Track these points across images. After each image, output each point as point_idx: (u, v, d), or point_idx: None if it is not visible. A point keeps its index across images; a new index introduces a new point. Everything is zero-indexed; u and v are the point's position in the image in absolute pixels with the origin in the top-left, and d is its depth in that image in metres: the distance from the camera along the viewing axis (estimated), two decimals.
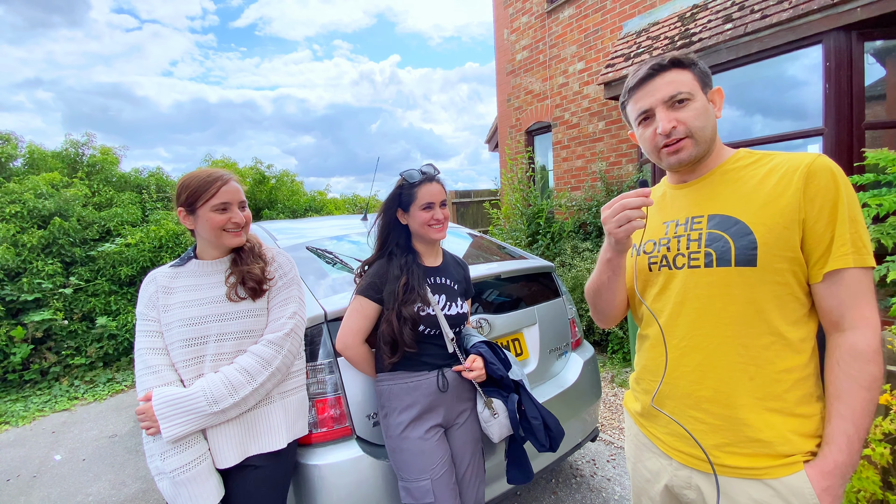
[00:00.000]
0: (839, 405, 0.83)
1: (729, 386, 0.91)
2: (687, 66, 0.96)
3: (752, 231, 0.88)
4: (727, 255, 0.90)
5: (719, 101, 0.99)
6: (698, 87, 0.95)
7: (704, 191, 0.99)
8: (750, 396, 0.89)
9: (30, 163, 5.91)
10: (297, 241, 2.15)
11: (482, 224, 9.73)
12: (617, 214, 0.91)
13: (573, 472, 2.54)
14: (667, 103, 0.94)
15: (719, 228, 0.92)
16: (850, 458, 0.81)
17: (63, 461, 3.07)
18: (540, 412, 1.51)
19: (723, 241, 0.91)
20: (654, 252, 1.03)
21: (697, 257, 0.94)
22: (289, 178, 8.27)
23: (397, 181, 1.54)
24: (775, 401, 0.88)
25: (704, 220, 0.95)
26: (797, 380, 0.88)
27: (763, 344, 0.88)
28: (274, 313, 1.37)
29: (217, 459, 1.26)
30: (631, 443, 1.15)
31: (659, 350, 1.01)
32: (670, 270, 0.99)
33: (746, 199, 0.91)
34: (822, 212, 0.84)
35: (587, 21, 5.35)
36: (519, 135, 6.53)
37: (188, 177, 1.32)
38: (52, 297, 4.63)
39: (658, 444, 1.04)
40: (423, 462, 1.39)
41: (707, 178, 0.99)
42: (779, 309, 0.88)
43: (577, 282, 4.19)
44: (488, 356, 1.51)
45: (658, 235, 1.04)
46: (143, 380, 1.23)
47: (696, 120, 0.93)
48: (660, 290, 1.02)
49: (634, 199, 0.90)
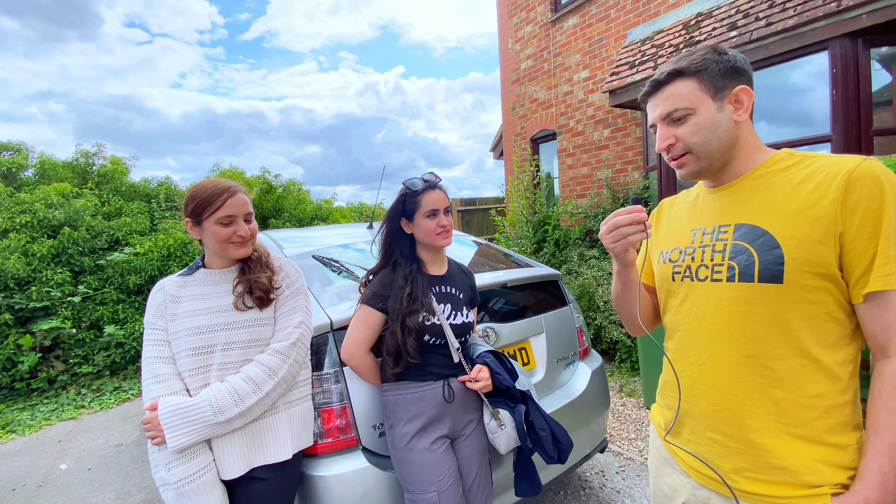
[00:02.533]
0: (876, 439, 0.76)
1: (748, 409, 0.85)
2: (691, 74, 0.88)
3: (779, 244, 0.80)
4: (750, 270, 0.83)
5: (746, 100, 0.88)
6: (705, 95, 0.88)
7: (734, 197, 0.91)
8: (773, 421, 0.83)
9: (41, 173, 6.00)
10: (303, 250, 2.16)
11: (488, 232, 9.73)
12: (611, 231, 0.94)
13: (582, 484, 2.50)
14: (665, 120, 0.92)
15: (745, 240, 0.85)
16: (884, 497, 0.74)
17: (69, 470, 3.07)
18: (548, 423, 1.49)
19: (747, 255, 0.84)
20: (679, 261, 0.98)
21: (720, 270, 0.88)
22: (295, 187, 8.34)
23: (400, 190, 1.53)
24: (803, 428, 0.81)
25: (731, 230, 0.88)
26: (830, 407, 0.80)
27: (791, 367, 0.81)
28: (280, 322, 1.36)
29: (222, 470, 1.25)
30: (654, 456, 1.12)
31: (678, 366, 0.98)
32: (692, 282, 0.94)
33: (777, 209, 0.83)
34: (863, 225, 0.75)
35: (591, 30, 5.38)
36: (524, 143, 6.55)
37: (196, 188, 1.33)
38: (61, 306, 4.67)
39: (679, 462, 1.00)
40: (430, 474, 1.37)
41: (738, 184, 0.91)
42: (811, 329, 0.80)
43: (584, 290, 4.16)
44: (494, 366, 1.49)
45: (685, 244, 0.98)
46: (150, 389, 1.22)
47: (693, 136, 0.88)
48: (681, 302, 0.97)
49: (625, 217, 0.92)
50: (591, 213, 5.10)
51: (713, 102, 0.88)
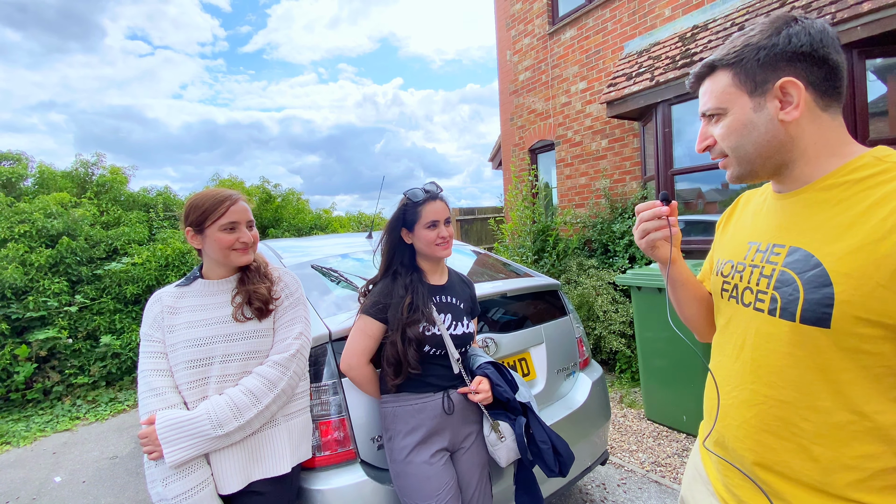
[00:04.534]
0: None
1: (780, 456, 0.74)
2: (726, 66, 0.77)
3: (831, 282, 0.66)
4: (792, 307, 0.71)
5: (795, 93, 0.71)
6: (741, 91, 0.75)
7: (796, 210, 0.76)
8: (806, 476, 0.72)
9: (40, 182, 6.00)
10: (302, 260, 2.15)
11: (486, 241, 9.74)
12: (638, 227, 0.91)
13: (583, 497, 2.46)
14: (705, 118, 0.82)
15: (794, 269, 0.72)
16: None
17: (63, 483, 3.02)
18: (549, 436, 1.47)
19: (792, 287, 0.71)
20: (729, 277, 0.87)
21: (763, 299, 0.77)
22: (294, 196, 8.35)
23: (401, 200, 1.53)
24: (841, 489, 0.69)
25: (784, 252, 0.75)
26: (882, 470, 0.67)
27: (836, 422, 0.69)
28: (280, 334, 1.35)
29: (220, 485, 1.22)
30: (690, 468, 1.04)
31: (712, 391, 0.89)
32: (737, 305, 0.84)
33: (837, 235, 0.68)
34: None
35: (588, 42, 5.44)
36: (522, 153, 6.58)
37: (196, 197, 1.32)
38: (58, 316, 4.64)
39: (713, 486, 0.92)
40: (429, 487, 1.35)
41: (803, 194, 0.76)
42: (867, 384, 0.67)
43: (583, 299, 4.15)
44: (494, 378, 1.48)
45: (738, 257, 0.86)
46: (147, 402, 1.20)
47: (725, 139, 0.78)
48: (725, 323, 0.89)
49: (647, 212, 0.90)
50: (589, 222, 5.11)
51: (750, 100, 0.75)
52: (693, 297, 1.01)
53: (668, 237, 0.90)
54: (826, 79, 0.72)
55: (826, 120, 0.74)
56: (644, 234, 0.90)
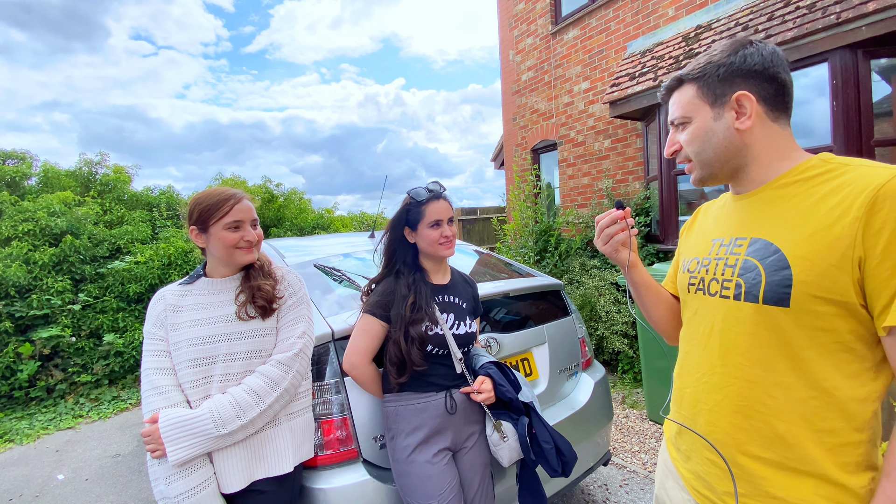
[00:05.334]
0: (887, 484, 0.68)
1: (748, 435, 0.80)
2: (691, 80, 0.87)
3: (789, 265, 0.74)
4: (755, 290, 0.79)
5: (749, 105, 0.82)
6: (703, 102, 0.86)
7: (754, 207, 0.85)
8: (773, 453, 0.78)
9: (44, 181, 6.03)
10: (304, 259, 2.15)
11: (488, 241, 9.73)
12: (599, 234, 1.01)
13: (585, 498, 2.46)
14: (673, 126, 0.93)
15: (756, 256, 0.80)
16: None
17: (66, 481, 3.03)
18: (552, 436, 1.47)
19: (755, 272, 0.79)
20: (696, 272, 0.95)
21: (729, 286, 0.84)
22: (297, 196, 8.36)
23: (404, 199, 1.53)
24: (806, 463, 0.75)
25: (746, 244, 0.84)
26: (840, 444, 0.73)
27: (798, 398, 0.75)
28: (283, 333, 1.35)
29: (222, 484, 1.22)
30: (661, 465, 1.11)
31: (683, 380, 0.96)
32: (703, 296, 0.91)
33: (794, 225, 0.76)
34: (888, 251, 0.66)
35: (591, 42, 5.43)
36: (525, 153, 6.58)
37: (201, 195, 1.32)
38: (61, 314, 4.66)
39: (682, 479, 0.98)
40: (431, 487, 1.35)
41: (760, 193, 0.85)
42: (824, 359, 0.73)
43: (586, 300, 4.15)
44: (497, 378, 1.48)
45: (703, 254, 0.94)
46: (150, 401, 1.20)
47: (689, 144, 0.89)
48: (692, 315, 0.95)
49: (606, 219, 1.00)
50: (591, 223, 5.10)
51: (711, 110, 0.85)
52: (658, 300, 1.11)
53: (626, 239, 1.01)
54: (776, 94, 0.83)
55: (776, 129, 0.84)
56: (608, 239, 1.00)
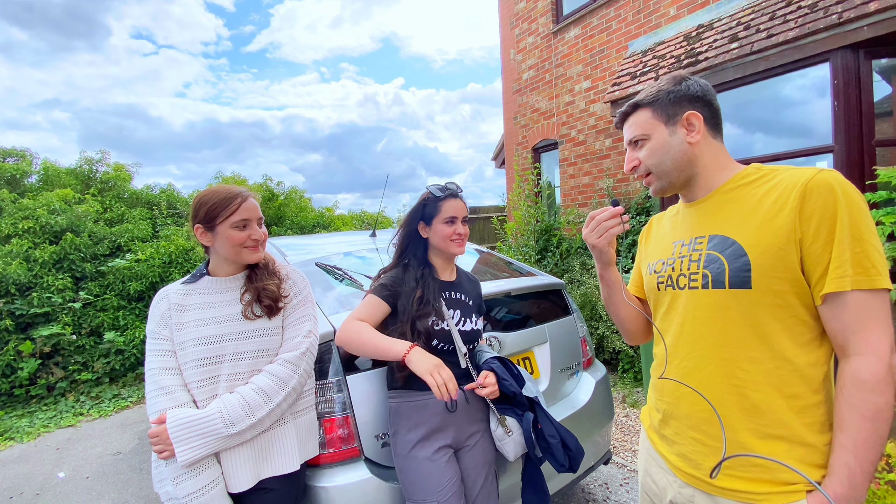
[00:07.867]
0: (841, 436, 0.81)
1: (728, 409, 0.90)
2: (646, 105, 1.02)
3: (746, 252, 0.88)
4: (721, 277, 0.91)
5: (697, 123, 0.98)
6: (658, 122, 1.00)
7: (707, 210, 0.99)
8: (751, 421, 0.88)
9: (44, 179, 6.03)
10: (306, 258, 2.15)
11: (489, 240, 9.73)
12: (594, 228, 1.07)
13: (585, 497, 2.46)
14: (630, 145, 1.05)
15: (717, 249, 0.93)
16: (852, 491, 0.79)
17: (67, 479, 3.04)
18: (558, 430, 1.48)
19: (718, 263, 0.92)
20: (662, 272, 1.06)
21: (696, 278, 0.96)
22: (297, 194, 8.37)
23: (422, 195, 1.56)
24: (779, 427, 0.86)
25: (705, 241, 0.97)
26: (804, 407, 0.86)
27: (766, 369, 0.87)
28: (289, 332, 1.35)
29: (230, 483, 1.22)
30: (643, 455, 1.18)
31: (661, 370, 1.04)
32: (674, 290, 1.02)
33: (743, 220, 0.91)
34: (819, 231, 0.82)
35: (593, 41, 5.42)
36: (525, 152, 6.57)
37: (207, 193, 1.31)
38: (62, 312, 4.66)
39: (665, 461, 1.05)
40: (431, 483, 1.36)
41: (711, 198, 1.00)
42: (783, 332, 0.86)
43: (587, 299, 4.15)
44: (500, 372, 1.48)
45: (667, 255, 1.06)
46: (156, 401, 1.19)
47: (649, 158, 1.01)
48: (666, 310, 1.05)
49: (605, 213, 1.06)
50: None
51: (665, 128, 0.99)
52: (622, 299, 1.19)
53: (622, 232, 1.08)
54: (713, 116, 1.00)
55: (716, 145, 1.01)
56: (604, 232, 1.07)
